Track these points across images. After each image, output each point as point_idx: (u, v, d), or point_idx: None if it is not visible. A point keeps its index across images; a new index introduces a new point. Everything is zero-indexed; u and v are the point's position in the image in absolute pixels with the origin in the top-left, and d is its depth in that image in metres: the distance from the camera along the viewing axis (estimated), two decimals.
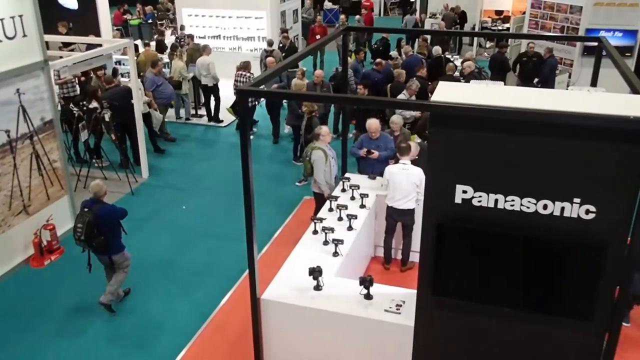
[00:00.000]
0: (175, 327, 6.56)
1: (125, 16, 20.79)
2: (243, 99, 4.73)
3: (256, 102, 12.06)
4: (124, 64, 13.16)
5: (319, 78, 11.17)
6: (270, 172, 10.53)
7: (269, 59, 12.35)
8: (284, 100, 11.76)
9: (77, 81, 11.48)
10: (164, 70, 13.62)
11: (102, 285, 6.77)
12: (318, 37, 16.64)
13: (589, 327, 4.19)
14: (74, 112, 9.90)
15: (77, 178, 9.73)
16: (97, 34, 14.79)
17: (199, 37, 16.04)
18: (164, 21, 20.97)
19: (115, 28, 18.55)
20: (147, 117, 10.93)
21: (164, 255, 8.00)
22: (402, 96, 10.52)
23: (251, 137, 10.24)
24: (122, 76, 12.43)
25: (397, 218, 7.23)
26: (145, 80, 11.43)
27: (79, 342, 6.36)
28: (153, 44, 16.26)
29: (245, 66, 12.16)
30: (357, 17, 20.66)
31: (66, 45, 12.96)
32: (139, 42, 16.63)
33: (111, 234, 6.50)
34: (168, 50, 14.17)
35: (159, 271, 7.67)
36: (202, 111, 13.63)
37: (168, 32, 18.68)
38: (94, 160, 10.26)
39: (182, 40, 15.30)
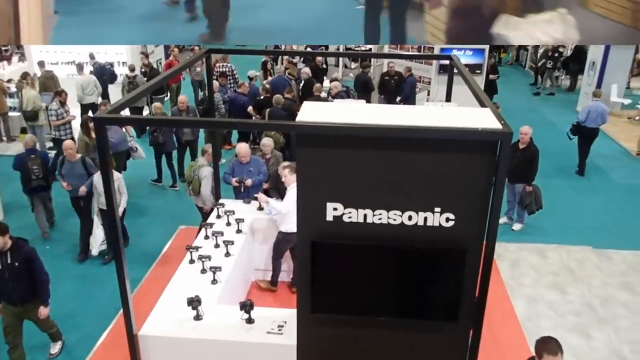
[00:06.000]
0: None
1: None
2: (100, 126, 4.39)
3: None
4: None
5: (183, 104, 10.91)
6: (141, 205, 10.12)
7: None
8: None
9: None
10: (13, 100, 12.78)
11: None
12: None
13: (455, 326, 4.48)
14: None
15: None
16: None
17: (51, 64, 14.89)
18: (9, 47, 19.36)
19: None
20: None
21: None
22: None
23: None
24: None
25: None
26: None
27: None
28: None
29: (224, 57, 13.74)
30: None
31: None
32: None
33: (52, 171, 8.53)
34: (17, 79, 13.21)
35: None
36: None
37: (15, 59, 17.36)
38: None
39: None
